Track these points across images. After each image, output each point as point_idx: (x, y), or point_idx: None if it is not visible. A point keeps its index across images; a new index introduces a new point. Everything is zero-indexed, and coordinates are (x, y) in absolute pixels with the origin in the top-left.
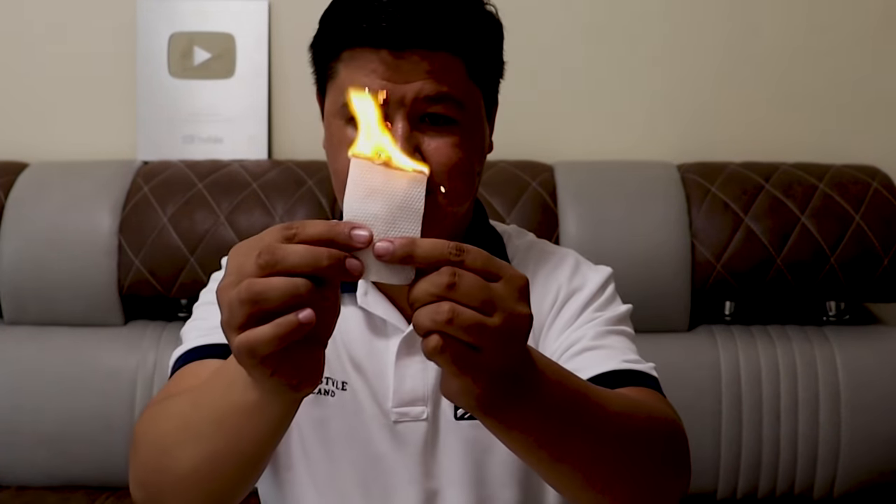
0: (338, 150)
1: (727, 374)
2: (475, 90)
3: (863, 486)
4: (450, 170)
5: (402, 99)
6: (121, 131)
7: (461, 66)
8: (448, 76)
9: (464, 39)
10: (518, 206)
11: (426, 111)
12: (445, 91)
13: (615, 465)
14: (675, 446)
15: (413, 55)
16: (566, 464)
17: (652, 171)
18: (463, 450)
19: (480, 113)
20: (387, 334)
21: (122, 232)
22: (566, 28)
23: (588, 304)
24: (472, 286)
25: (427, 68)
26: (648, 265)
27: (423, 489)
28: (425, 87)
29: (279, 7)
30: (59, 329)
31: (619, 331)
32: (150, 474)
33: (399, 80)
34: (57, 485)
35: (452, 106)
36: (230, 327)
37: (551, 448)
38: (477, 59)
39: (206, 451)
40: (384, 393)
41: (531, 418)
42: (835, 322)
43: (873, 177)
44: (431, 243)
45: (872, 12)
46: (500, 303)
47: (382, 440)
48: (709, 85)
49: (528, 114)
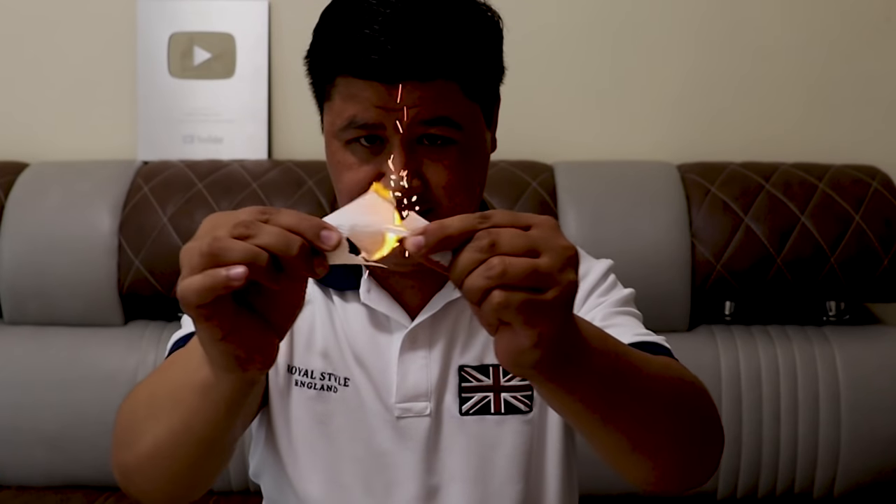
0: (338, 171)
1: (727, 373)
2: (473, 107)
3: (862, 485)
4: (450, 190)
5: (398, 125)
6: (121, 131)
7: (457, 89)
8: (444, 101)
9: (459, 65)
10: (518, 206)
11: (424, 133)
12: (442, 115)
13: (662, 426)
14: (710, 410)
15: (407, 85)
16: (616, 427)
17: (652, 171)
18: (467, 445)
19: (480, 127)
20: (390, 330)
21: (122, 232)
22: (566, 28)
23: (592, 290)
24: (512, 237)
25: (422, 95)
26: (648, 265)
27: (426, 485)
28: (422, 111)
29: (279, 7)
30: (59, 329)
31: (626, 311)
32: (120, 452)
33: (394, 106)
34: (57, 485)
35: (450, 128)
36: (181, 279)
37: (603, 410)
38: (473, 80)
39: (164, 427)
40: (387, 388)
41: (584, 380)
42: (835, 322)
43: (873, 177)
44: (459, 219)
45: (873, 12)
46: (542, 243)
47: (385, 436)
48: (709, 85)
49: (528, 114)
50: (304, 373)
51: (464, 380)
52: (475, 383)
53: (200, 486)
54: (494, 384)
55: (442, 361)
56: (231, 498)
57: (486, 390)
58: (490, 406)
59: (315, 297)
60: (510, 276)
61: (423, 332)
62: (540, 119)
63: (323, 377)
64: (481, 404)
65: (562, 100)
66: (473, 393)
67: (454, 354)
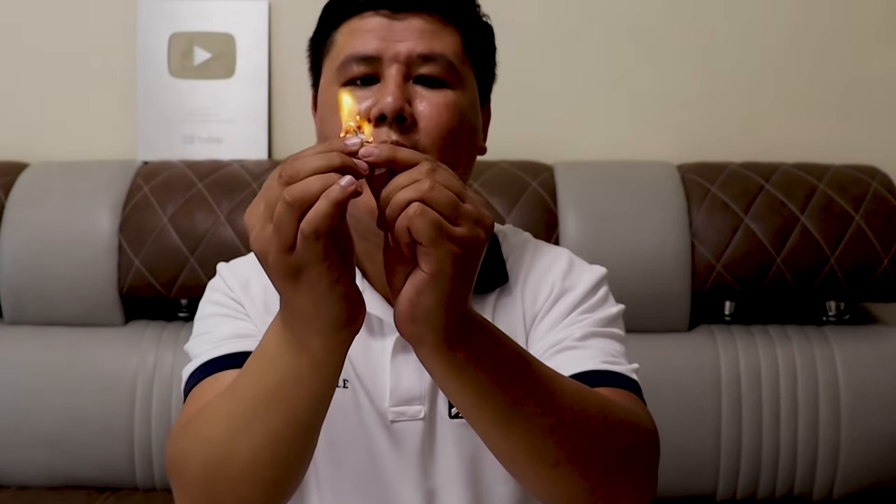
0: (330, 114)
1: (727, 374)
2: (469, 68)
3: (862, 486)
4: (440, 129)
5: (396, 55)
6: (121, 131)
7: (457, 38)
8: (443, 40)
9: (461, 10)
10: (518, 206)
11: (419, 73)
12: (439, 51)
13: (564, 443)
14: (637, 449)
15: (410, 17)
16: (514, 427)
17: (652, 171)
18: (458, 448)
19: (474, 93)
20: (383, 333)
21: (122, 232)
22: (566, 28)
23: (578, 304)
24: (449, 178)
25: (423, 28)
26: (648, 265)
27: (422, 488)
28: (419, 44)
29: (279, 7)
30: (59, 329)
31: (606, 332)
32: (204, 488)
33: (394, 38)
34: (57, 485)
35: (446, 67)
36: (278, 235)
37: (503, 395)
38: (473, 35)
39: (264, 433)
40: (381, 392)
41: (485, 358)
42: (835, 322)
43: (873, 177)
44: (412, 152)
45: (873, 12)
46: (470, 199)
47: (381, 440)
48: (709, 85)
49: (528, 114)
50: None
51: None
52: None
53: (293, 487)
54: None
55: None
56: None
57: None
58: None
59: None
60: (433, 196)
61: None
62: (540, 119)
63: None
64: None
65: (562, 100)
66: None
67: None
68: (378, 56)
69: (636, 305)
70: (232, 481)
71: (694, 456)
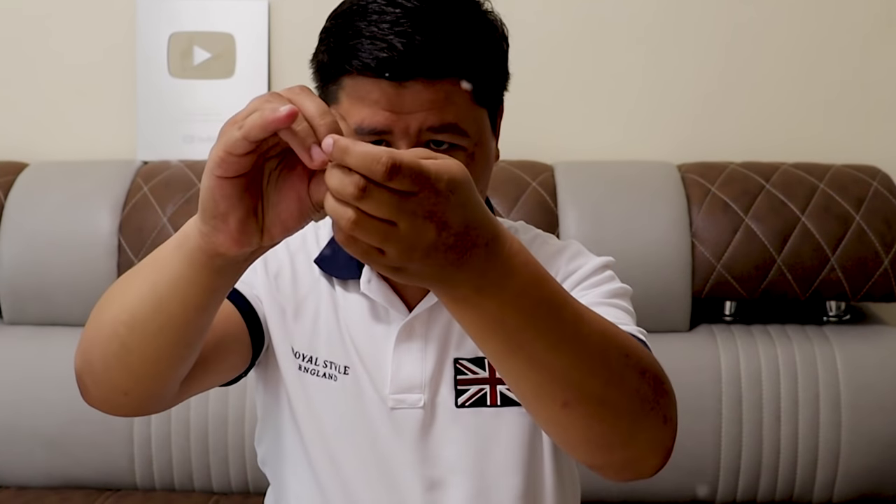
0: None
1: (727, 374)
2: (481, 112)
3: (862, 487)
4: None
5: (407, 129)
6: (121, 131)
7: (466, 92)
8: (452, 105)
9: (468, 66)
10: (518, 206)
11: (430, 137)
12: (450, 121)
13: (580, 378)
14: (657, 386)
15: (415, 84)
16: (521, 361)
17: (652, 171)
18: (464, 438)
19: (486, 134)
20: (388, 321)
21: (122, 232)
22: (566, 28)
23: (583, 280)
24: (383, 201)
25: (431, 97)
26: (648, 265)
27: (423, 476)
28: (429, 118)
29: (279, 7)
30: (59, 329)
31: (613, 303)
32: (87, 334)
33: (402, 110)
34: (57, 485)
35: (457, 135)
36: (220, 137)
37: (507, 336)
38: (482, 83)
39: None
40: (382, 379)
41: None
42: (835, 322)
43: (873, 177)
44: (363, 155)
45: (873, 12)
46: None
47: (382, 426)
48: (709, 84)
49: (528, 114)
50: (308, 359)
51: (459, 372)
52: (471, 376)
53: (158, 386)
54: (490, 377)
55: (437, 354)
56: (231, 497)
57: (482, 383)
58: (486, 398)
59: (320, 285)
60: (357, 231)
61: (419, 325)
62: (540, 119)
63: (326, 364)
64: (477, 397)
65: (562, 100)
66: (469, 385)
67: (450, 347)
68: (388, 130)
69: (636, 305)
70: (99, 327)
71: (694, 456)
